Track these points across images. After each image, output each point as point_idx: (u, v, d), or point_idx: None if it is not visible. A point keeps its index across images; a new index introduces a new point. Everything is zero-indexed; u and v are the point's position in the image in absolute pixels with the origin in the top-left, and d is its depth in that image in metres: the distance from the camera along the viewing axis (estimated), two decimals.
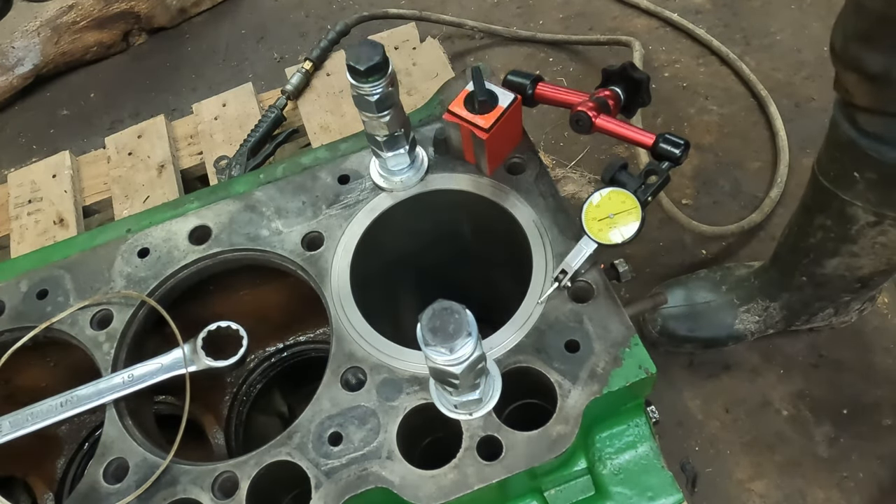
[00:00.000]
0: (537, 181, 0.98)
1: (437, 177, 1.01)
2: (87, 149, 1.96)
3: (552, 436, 0.82)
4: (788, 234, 1.36)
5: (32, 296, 1.01)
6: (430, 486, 0.81)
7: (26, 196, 1.78)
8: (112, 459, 0.88)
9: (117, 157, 1.82)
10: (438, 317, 0.69)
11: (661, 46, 2.16)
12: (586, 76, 2.15)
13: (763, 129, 1.96)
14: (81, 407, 0.91)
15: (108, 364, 0.94)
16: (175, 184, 1.75)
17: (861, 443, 1.53)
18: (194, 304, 1.05)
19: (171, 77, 2.43)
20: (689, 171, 1.91)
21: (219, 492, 0.85)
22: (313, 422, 0.87)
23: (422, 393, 0.86)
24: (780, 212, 1.82)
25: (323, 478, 0.83)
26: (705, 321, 1.56)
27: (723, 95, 2.04)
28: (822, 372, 1.62)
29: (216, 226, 1.03)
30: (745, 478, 1.53)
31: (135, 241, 1.03)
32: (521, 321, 0.89)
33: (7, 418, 0.91)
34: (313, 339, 1.27)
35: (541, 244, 0.94)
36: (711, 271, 1.62)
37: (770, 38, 2.13)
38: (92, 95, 2.44)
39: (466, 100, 0.94)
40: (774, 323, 1.53)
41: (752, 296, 1.52)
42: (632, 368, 0.84)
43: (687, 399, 1.63)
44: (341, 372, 0.89)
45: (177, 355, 0.93)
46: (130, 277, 1.00)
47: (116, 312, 0.98)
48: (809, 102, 1.99)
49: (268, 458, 0.86)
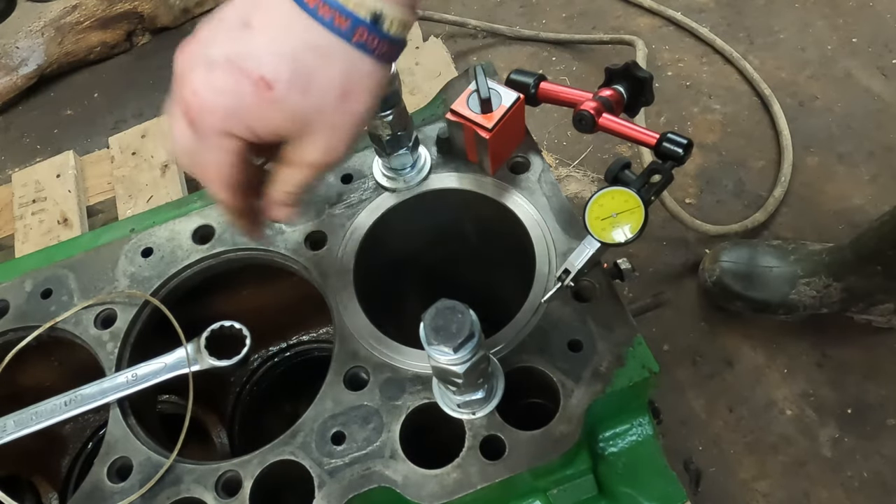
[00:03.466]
0: (540, 180, 0.98)
1: (439, 176, 1.01)
2: (90, 149, 1.96)
3: (555, 435, 0.82)
4: (886, 221, 1.36)
5: (36, 295, 1.01)
6: (433, 485, 0.81)
7: (30, 196, 1.79)
8: (116, 458, 0.88)
9: (121, 156, 1.83)
10: (441, 316, 0.69)
11: (665, 45, 2.16)
12: (589, 75, 2.15)
13: (767, 127, 1.96)
14: (85, 406, 0.91)
15: (111, 363, 0.94)
16: (178, 183, 1.75)
17: (865, 443, 1.52)
18: (198, 304, 1.05)
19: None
20: (692, 170, 1.91)
21: (222, 491, 0.85)
22: (316, 421, 0.87)
23: (424, 392, 0.86)
24: (784, 211, 1.82)
25: (326, 477, 0.83)
26: (762, 283, 1.57)
27: (726, 94, 2.04)
28: (826, 372, 1.61)
29: (219, 225, 1.03)
30: (748, 477, 1.53)
31: (138, 241, 1.03)
32: (524, 320, 0.89)
33: (11, 417, 0.92)
34: (316, 339, 1.27)
35: (544, 243, 0.93)
36: (785, 242, 1.64)
37: (773, 36, 2.13)
38: (96, 95, 2.45)
39: (469, 99, 0.93)
40: (831, 303, 1.53)
41: (817, 271, 1.52)
42: (635, 368, 0.84)
43: (690, 398, 1.62)
44: (344, 371, 0.89)
45: (180, 355, 0.93)
46: (134, 277, 1.00)
47: (120, 312, 0.98)
48: (813, 101, 1.98)
49: (271, 457, 0.86)
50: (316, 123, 0.62)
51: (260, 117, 0.61)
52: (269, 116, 0.61)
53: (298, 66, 0.59)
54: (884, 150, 1.87)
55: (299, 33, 0.59)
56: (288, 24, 0.59)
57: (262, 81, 0.59)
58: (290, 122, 0.61)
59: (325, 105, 0.61)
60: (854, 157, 1.88)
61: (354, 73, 0.61)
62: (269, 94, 0.59)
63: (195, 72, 0.61)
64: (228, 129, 0.62)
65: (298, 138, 0.63)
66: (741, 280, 1.60)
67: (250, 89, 0.59)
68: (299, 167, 0.66)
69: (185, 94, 0.62)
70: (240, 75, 0.59)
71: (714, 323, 1.70)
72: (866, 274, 1.45)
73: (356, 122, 0.63)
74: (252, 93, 0.59)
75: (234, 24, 0.60)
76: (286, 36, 0.59)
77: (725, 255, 1.63)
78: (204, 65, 0.61)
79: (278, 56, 0.59)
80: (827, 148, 1.90)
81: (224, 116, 0.61)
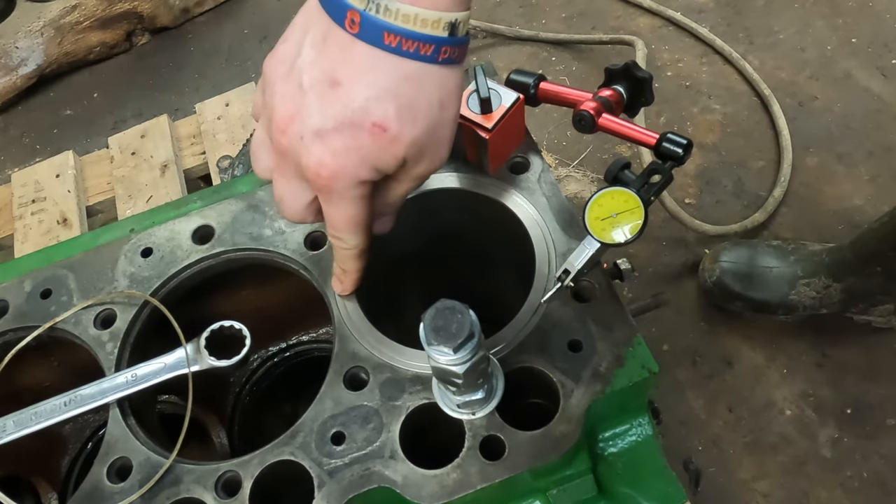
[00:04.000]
0: (540, 180, 0.98)
1: (439, 176, 1.01)
2: (90, 149, 1.96)
3: (555, 435, 0.82)
4: (886, 222, 1.36)
5: (36, 295, 1.01)
6: (432, 485, 0.81)
7: (30, 196, 1.79)
8: (115, 459, 0.88)
9: (120, 156, 1.83)
10: (441, 316, 0.69)
11: (664, 45, 2.16)
12: (589, 75, 2.15)
13: (766, 128, 1.96)
14: (85, 406, 0.91)
15: (111, 364, 0.94)
16: (178, 184, 1.75)
17: (865, 443, 1.53)
18: (197, 304, 1.05)
19: (174, 77, 2.44)
20: (692, 171, 1.92)
21: (222, 491, 0.85)
22: (316, 421, 0.87)
23: (424, 392, 0.86)
24: (784, 211, 1.82)
25: (326, 477, 0.83)
26: (762, 284, 1.58)
27: (726, 94, 2.04)
28: (825, 372, 1.62)
29: (219, 225, 1.03)
30: (748, 478, 1.53)
31: (138, 241, 1.03)
32: (523, 321, 0.89)
33: (11, 417, 0.91)
34: (316, 339, 1.27)
35: (543, 243, 0.93)
36: (785, 242, 1.64)
37: (773, 37, 2.13)
38: (95, 95, 2.45)
39: (469, 99, 0.93)
40: (831, 304, 1.54)
41: (817, 271, 1.53)
42: (635, 368, 0.84)
43: (690, 398, 1.63)
44: (344, 371, 0.89)
45: (180, 355, 0.93)
46: (134, 277, 1.00)
47: (120, 312, 0.98)
48: (813, 101, 1.99)
49: (271, 457, 0.86)
50: (429, 142, 0.67)
51: (383, 158, 0.65)
52: (392, 153, 0.65)
53: (401, 101, 0.63)
54: (883, 151, 1.87)
55: (390, 71, 0.62)
56: (375, 66, 0.62)
57: (375, 127, 0.63)
58: (409, 150, 0.66)
59: (432, 124, 0.66)
60: (853, 157, 1.88)
61: (445, 85, 0.65)
62: (386, 136, 0.63)
63: (311, 148, 0.64)
64: (360, 180, 0.67)
65: (414, 158, 0.67)
66: (741, 280, 1.60)
67: (368, 138, 0.63)
68: (410, 180, 0.72)
69: (308, 169, 0.66)
70: (355, 131, 0.63)
71: (714, 323, 1.70)
72: (866, 274, 1.45)
73: (454, 125, 0.69)
74: (371, 140, 0.63)
75: (322, 87, 0.63)
76: (378, 78, 0.62)
77: (725, 256, 1.64)
78: (316, 138, 0.64)
79: (379, 99, 0.62)
80: (826, 148, 1.90)
81: (354, 171, 0.66)
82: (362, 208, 0.70)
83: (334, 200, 0.69)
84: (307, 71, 0.63)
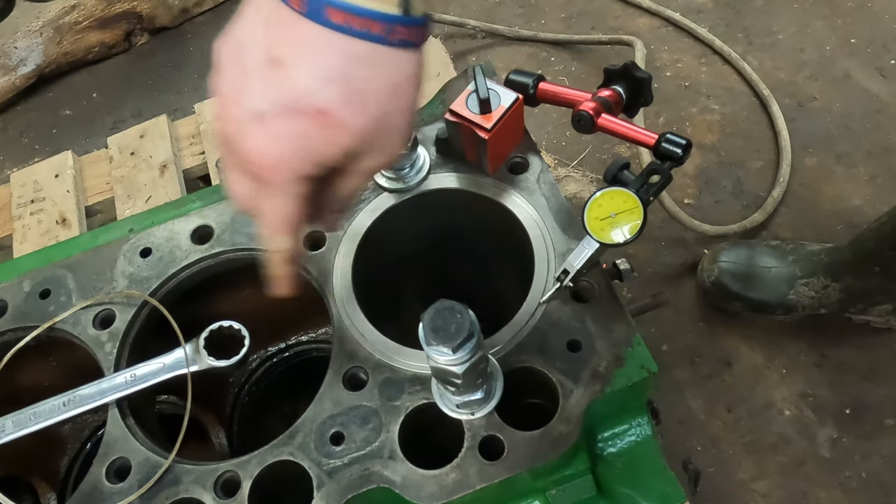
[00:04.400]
0: (539, 180, 0.98)
1: (438, 176, 1.01)
2: (89, 148, 1.96)
3: (554, 435, 0.82)
4: (885, 222, 1.36)
5: (35, 295, 1.01)
6: (432, 485, 0.81)
7: (29, 196, 1.79)
8: (114, 459, 0.88)
9: (119, 156, 1.82)
10: (440, 316, 0.69)
11: (664, 46, 2.16)
12: (588, 76, 2.15)
13: (765, 128, 1.96)
14: (84, 406, 0.91)
15: (110, 364, 0.94)
16: (177, 184, 1.75)
17: (864, 443, 1.53)
18: (196, 304, 1.05)
19: (173, 77, 2.44)
20: (691, 171, 1.91)
21: (221, 491, 0.85)
22: (315, 421, 0.87)
23: (423, 393, 0.86)
24: (783, 211, 1.82)
25: (325, 477, 0.83)
26: (760, 284, 1.57)
27: (725, 95, 2.04)
28: (824, 372, 1.62)
29: (218, 225, 1.03)
30: (747, 478, 1.53)
31: (137, 241, 1.03)
32: (522, 321, 0.89)
33: (10, 417, 0.91)
34: (315, 339, 1.27)
35: (542, 244, 0.94)
36: (783, 242, 1.64)
37: (772, 37, 2.13)
38: (94, 95, 2.45)
39: (468, 99, 0.93)
40: (829, 303, 1.54)
41: (816, 271, 1.53)
42: (634, 368, 0.84)
43: (689, 398, 1.63)
44: (343, 371, 0.89)
45: (179, 355, 0.93)
46: (133, 277, 1.00)
47: (119, 312, 0.98)
48: (812, 102, 1.99)
49: (270, 457, 0.86)
50: (379, 133, 0.60)
51: (327, 150, 0.59)
52: (336, 143, 0.58)
53: (349, 85, 0.56)
54: (882, 151, 1.87)
55: (337, 52, 0.55)
56: (321, 46, 0.55)
57: (319, 114, 0.56)
58: (356, 140, 0.59)
59: (384, 112, 0.59)
60: (852, 157, 1.88)
61: (400, 70, 0.58)
62: (330, 124, 0.57)
63: (248, 131, 0.58)
64: (301, 174, 0.60)
65: (362, 151, 0.61)
66: (740, 280, 1.60)
67: (312, 126, 0.57)
68: (359, 175, 0.65)
69: (247, 156, 0.59)
70: (296, 115, 0.57)
71: (713, 323, 1.70)
72: (865, 274, 1.45)
73: (411, 115, 0.62)
74: (315, 129, 0.57)
75: (263, 66, 0.57)
76: (324, 59, 0.56)
77: (724, 256, 1.64)
78: (254, 120, 0.58)
79: (324, 81, 0.56)
80: (825, 148, 1.90)
81: (295, 164, 0.59)
82: (298, 207, 0.63)
83: (270, 194, 0.61)
84: (252, 51, 0.57)
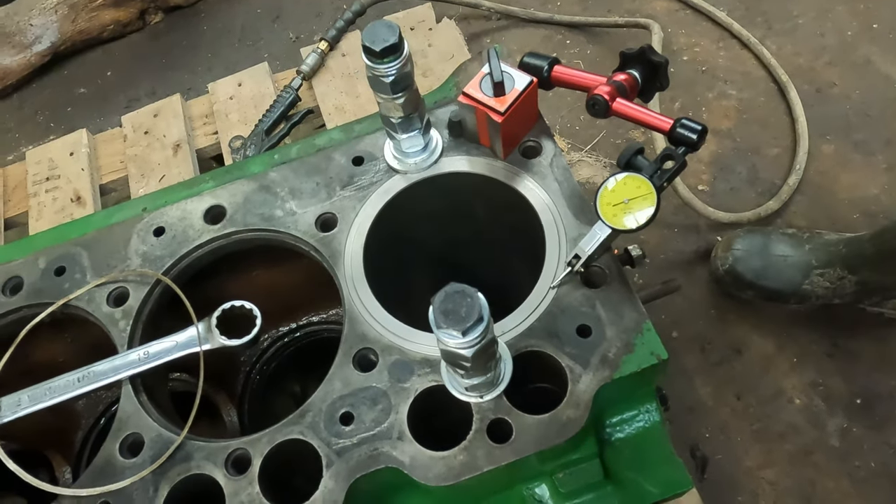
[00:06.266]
0: (552, 165, 0.98)
1: (451, 159, 1.00)
2: (104, 127, 1.97)
3: (562, 420, 0.82)
4: None
5: (50, 272, 1.02)
6: (439, 466, 0.82)
7: (44, 173, 1.80)
8: (128, 434, 0.90)
9: (133, 135, 1.83)
10: (451, 300, 0.69)
11: (681, 29, 2.13)
12: (604, 59, 2.12)
13: (783, 114, 1.93)
14: (98, 382, 0.92)
15: (124, 341, 0.95)
16: (190, 163, 1.75)
17: (873, 433, 1.52)
18: (209, 283, 1.06)
19: (186, 56, 2.43)
20: (706, 157, 1.89)
21: (232, 468, 0.87)
22: (325, 401, 0.87)
23: (433, 375, 0.87)
24: (798, 199, 1.80)
25: (334, 457, 0.84)
26: (775, 272, 1.56)
27: (742, 80, 2.01)
28: (836, 361, 1.61)
29: (231, 206, 1.03)
30: (754, 465, 1.53)
31: (150, 220, 1.04)
32: (533, 305, 0.89)
33: (26, 392, 0.93)
34: (326, 320, 1.28)
35: (554, 228, 0.93)
36: (800, 231, 1.62)
37: (792, 21, 2.09)
38: (109, 74, 2.45)
39: (482, 82, 0.93)
40: (844, 295, 1.52)
41: (833, 262, 1.51)
42: (643, 355, 0.84)
43: (698, 385, 1.62)
44: (353, 353, 0.90)
45: (191, 333, 0.94)
46: (146, 256, 1.01)
47: (132, 290, 0.99)
48: (831, 88, 1.95)
49: (280, 436, 0.87)
50: None
51: None
52: None
53: None
54: None
55: None
56: None
57: None
58: None
59: None
60: (871, 145, 1.85)
61: None
62: None
63: None
64: None
65: None
66: (754, 268, 1.58)
67: None
68: None
69: None
70: None
71: (724, 311, 1.69)
72: (885, 270, 1.43)
73: None
74: None
75: None
76: None
77: (738, 243, 1.62)
78: None
79: None
80: (843, 136, 1.87)
81: None
82: None
83: None
84: None
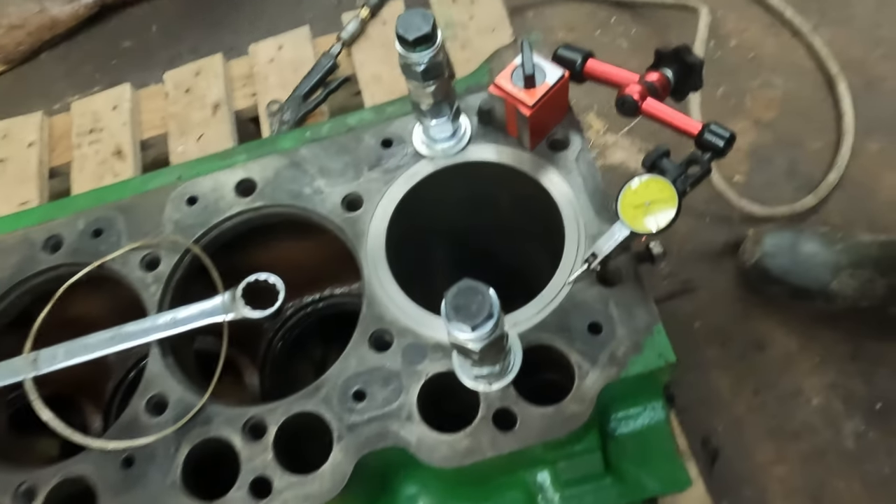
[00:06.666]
0: (578, 160, 0.98)
1: (478, 147, 1.01)
2: (146, 82, 2.00)
3: (566, 413, 0.84)
4: None
5: (88, 234, 1.06)
6: (445, 449, 0.85)
7: (88, 126, 1.85)
8: (153, 394, 0.95)
9: (175, 93, 1.86)
10: (463, 295, 0.71)
11: (731, 13, 2.06)
12: (648, 40, 2.07)
13: (829, 108, 1.88)
14: (128, 343, 0.97)
15: (154, 305, 1.00)
16: (229, 124, 1.78)
17: (890, 439, 1.51)
18: (236, 254, 1.09)
19: (230, 15, 2.45)
20: (744, 147, 1.85)
21: (249, 433, 0.91)
22: (340, 378, 0.91)
23: (444, 360, 0.89)
24: (837, 196, 1.76)
25: (345, 431, 0.88)
26: (803, 270, 1.55)
27: (790, 70, 1.95)
28: (859, 364, 1.59)
29: (262, 180, 1.06)
30: (765, 461, 1.53)
31: (184, 189, 1.07)
32: (548, 298, 0.91)
33: (62, 347, 0.98)
34: (348, 293, 1.31)
35: (574, 224, 0.94)
36: (833, 230, 1.60)
37: (848, 10, 2.01)
38: (153, 28, 2.48)
39: (514, 73, 0.93)
40: (872, 297, 1.50)
41: (864, 263, 1.49)
42: (651, 356, 0.85)
43: (716, 377, 1.62)
44: (370, 333, 0.93)
45: (217, 302, 0.97)
46: (179, 224, 1.05)
47: (164, 256, 1.03)
48: (882, 82, 1.88)
49: (295, 407, 0.90)
50: None
51: None
52: None
53: None
54: None
55: None
56: None
57: None
58: None
59: None
60: None
61: None
62: None
63: None
64: None
65: None
66: (782, 265, 1.56)
67: None
68: None
69: None
70: None
71: (749, 305, 1.68)
72: None
73: None
74: None
75: None
76: None
77: (769, 239, 1.60)
78: None
79: None
80: (891, 134, 1.81)
81: None
82: None
83: None
84: None
